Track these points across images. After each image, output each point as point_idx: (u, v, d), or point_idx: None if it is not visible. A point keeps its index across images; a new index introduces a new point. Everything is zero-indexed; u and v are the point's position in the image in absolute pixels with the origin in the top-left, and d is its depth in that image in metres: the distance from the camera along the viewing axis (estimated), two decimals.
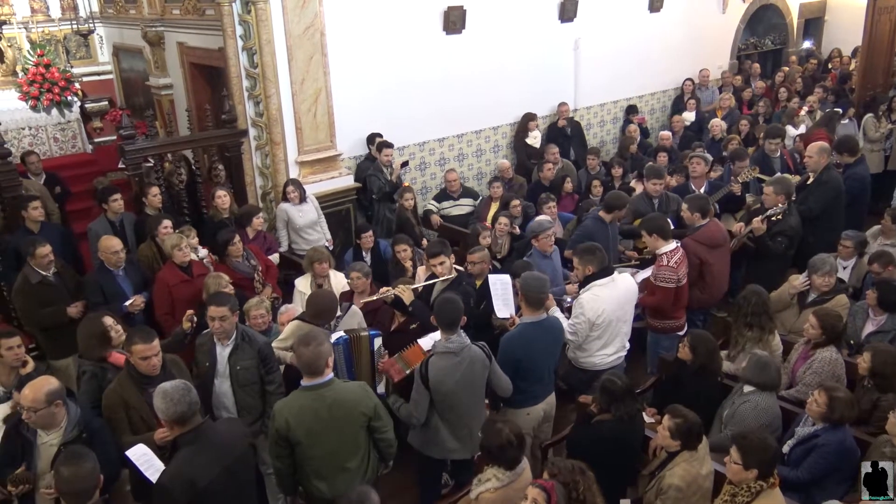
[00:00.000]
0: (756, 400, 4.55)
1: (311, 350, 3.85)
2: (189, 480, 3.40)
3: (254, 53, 7.41)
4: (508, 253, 7.24)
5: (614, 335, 5.24)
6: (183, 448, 3.52)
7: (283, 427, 3.84)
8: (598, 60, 10.70)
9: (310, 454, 3.93)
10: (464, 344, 4.34)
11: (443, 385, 4.27)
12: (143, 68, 11.13)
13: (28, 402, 3.80)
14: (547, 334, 4.80)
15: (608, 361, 5.26)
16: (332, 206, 8.05)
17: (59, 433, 3.90)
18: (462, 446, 4.51)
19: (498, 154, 10.12)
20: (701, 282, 6.06)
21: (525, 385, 4.76)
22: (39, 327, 5.97)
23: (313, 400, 3.88)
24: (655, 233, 5.64)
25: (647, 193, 7.22)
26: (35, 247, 5.77)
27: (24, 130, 10.20)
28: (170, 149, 7.98)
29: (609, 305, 5.11)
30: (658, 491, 4.07)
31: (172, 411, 3.50)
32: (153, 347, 4.21)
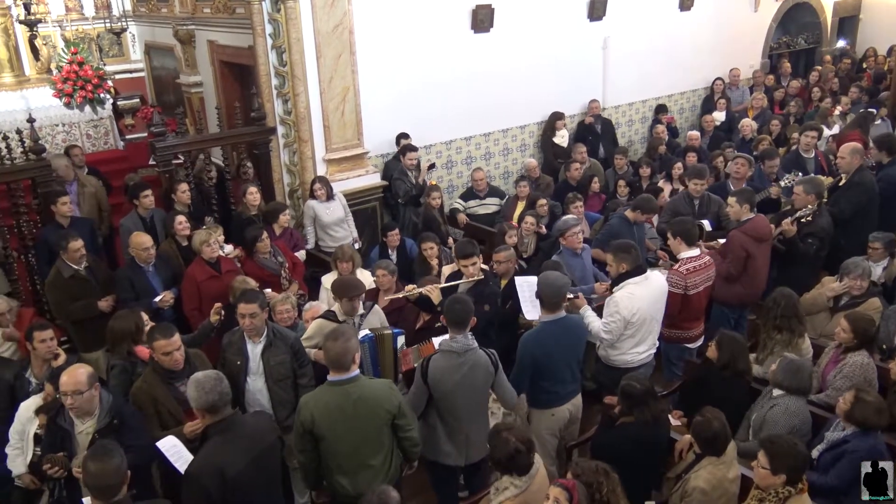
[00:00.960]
0: (786, 404, 4.46)
1: (340, 345, 3.88)
2: (218, 470, 3.45)
3: (283, 52, 7.46)
4: (535, 252, 7.22)
5: (647, 333, 5.20)
6: (212, 438, 3.57)
7: (308, 421, 3.87)
8: (627, 59, 10.62)
9: (333, 449, 3.95)
10: (468, 346, 4.27)
11: (441, 384, 4.23)
12: (173, 66, 11.27)
13: (71, 386, 3.86)
14: (567, 333, 4.75)
15: (640, 359, 5.22)
16: (358, 203, 8.09)
17: (93, 421, 3.97)
18: (457, 452, 4.42)
19: (525, 153, 10.10)
20: (745, 276, 6.01)
21: (547, 385, 4.73)
22: (71, 320, 6.05)
23: (339, 395, 3.90)
24: (680, 236, 5.58)
25: (687, 194, 7.16)
26: (68, 241, 5.86)
27: (57, 127, 10.40)
28: (199, 146, 8.07)
29: (643, 304, 5.08)
30: (683, 494, 4.03)
31: (204, 400, 3.56)
32: (174, 342, 4.28)
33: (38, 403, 4.44)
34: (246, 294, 4.83)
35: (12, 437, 4.46)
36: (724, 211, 6.86)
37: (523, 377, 4.69)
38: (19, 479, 4.42)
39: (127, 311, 5.08)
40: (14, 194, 6.89)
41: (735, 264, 5.95)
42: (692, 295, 5.54)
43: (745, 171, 7.55)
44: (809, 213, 6.23)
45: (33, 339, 4.88)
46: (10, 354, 5.58)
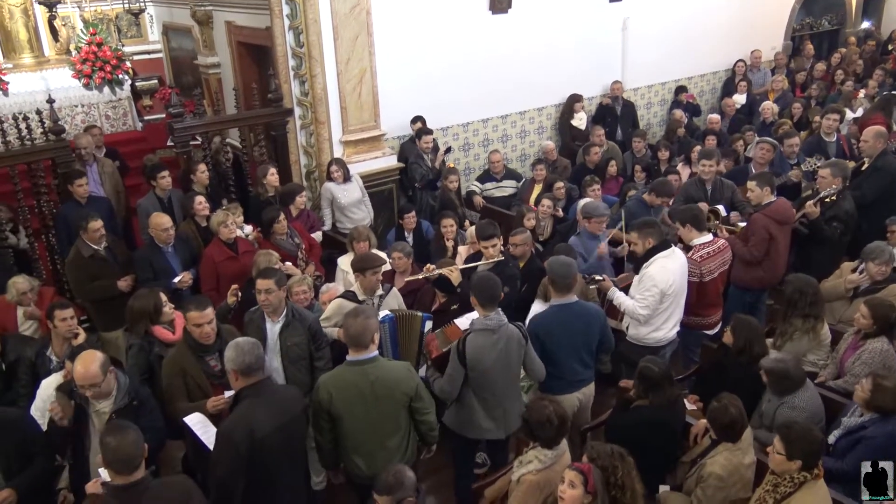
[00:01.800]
0: (793, 402, 4.41)
1: (360, 322, 3.91)
2: (249, 429, 3.54)
3: (300, 33, 7.45)
4: (551, 235, 7.20)
5: (676, 307, 5.23)
6: (244, 400, 3.66)
7: (326, 400, 3.90)
8: (647, 41, 10.50)
9: (350, 429, 3.98)
10: (502, 322, 4.33)
11: (480, 363, 4.26)
12: (191, 47, 11.29)
13: (89, 379, 3.86)
14: (576, 319, 4.72)
15: (669, 336, 5.25)
16: (375, 186, 8.09)
17: (110, 401, 4.01)
18: (496, 426, 4.49)
19: (542, 135, 10.04)
20: (766, 260, 5.97)
21: (554, 371, 4.70)
22: (90, 300, 6.12)
23: (357, 375, 3.93)
24: (689, 223, 5.53)
25: (699, 178, 7.08)
26: (88, 221, 5.91)
27: (77, 108, 10.44)
28: (217, 127, 8.10)
29: (676, 276, 5.11)
30: (698, 479, 4.04)
31: (241, 360, 3.64)
32: (206, 315, 4.33)
33: (58, 381, 4.49)
34: (264, 270, 4.88)
35: (34, 413, 4.51)
36: (738, 196, 6.79)
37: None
38: None
39: (146, 290, 5.12)
40: (34, 174, 6.96)
41: (759, 247, 5.91)
42: (708, 282, 5.51)
43: (769, 156, 7.44)
44: (833, 192, 6.16)
45: (54, 317, 4.94)
46: (32, 333, 5.67)
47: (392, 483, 3.39)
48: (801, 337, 5.10)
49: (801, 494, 3.57)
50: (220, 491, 3.59)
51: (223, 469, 3.57)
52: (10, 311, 5.72)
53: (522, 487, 3.83)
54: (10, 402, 5.09)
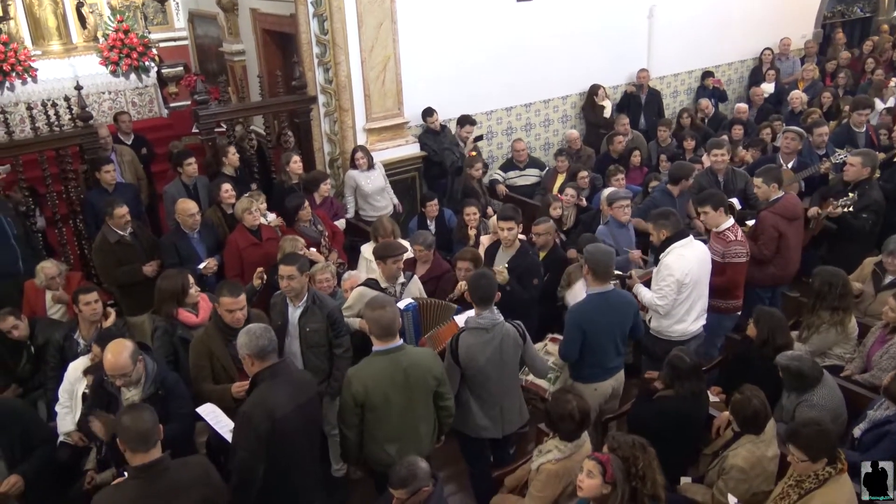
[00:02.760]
0: (811, 400, 4.35)
1: (389, 311, 3.95)
2: (268, 410, 3.56)
3: (324, 20, 7.45)
4: (574, 224, 7.17)
5: (698, 297, 5.17)
6: (262, 383, 3.68)
7: (361, 392, 3.88)
8: (673, 29, 10.36)
9: (385, 419, 3.97)
10: (495, 321, 4.27)
11: (473, 361, 4.23)
12: (217, 34, 11.34)
13: (119, 368, 3.90)
14: (613, 307, 4.70)
15: (692, 330, 5.19)
16: (398, 173, 8.09)
17: (139, 389, 4.05)
18: (493, 425, 4.44)
19: (566, 124, 9.97)
20: (777, 257, 5.88)
21: (592, 359, 4.70)
22: (116, 284, 6.19)
23: (389, 364, 3.94)
24: (722, 207, 5.44)
25: (711, 169, 6.98)
26: (113, 207, 5.98)
27: (104, 94, 10.57)
28: (241, 114, 8.14)
29: (693, 265, 5.05)
30: (720, 471, 4.02)
31: (254, 345, 3.66)
32: (239, 301, 4.38)
33: (85, 364, 4.58)
34: (287, 256, 4.92)
35: (61, 395, 4.60)
36: (751, 188, 6.66)
37: (573, 346, 4.66)
38: (68, 436, 4.56)
39: (175, 270, 5.20)
40: (62, 160, 7.05)
41: (768, 245, 5.80)
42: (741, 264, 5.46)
43: (795, 145, 7.32)
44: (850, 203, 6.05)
45: (78, 301, 5.02)
46: (60, 316, 5.77)
47: (405, 476, 3.44)
48: (828, 330, 5.04)
49: (825, 490, 3.54)
50: (242, 474, 3.61)
51: (244, 451, 3.60)
52: (38, 296, 5.83)
53: (542, 476, 3.84)
54: (39, 384, 5.21)
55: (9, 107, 9.17)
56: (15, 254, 6.23)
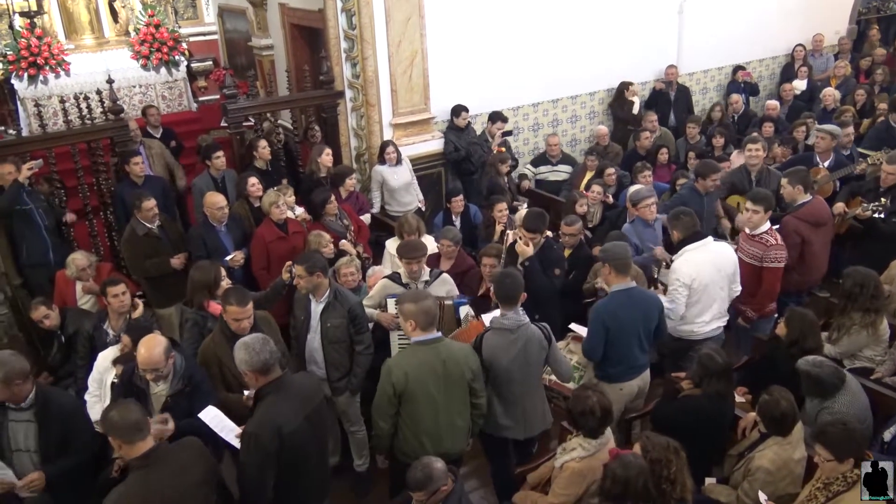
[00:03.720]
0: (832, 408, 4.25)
1: (431, 302, 3.98)
2: (276, 427, 3.51)
3: (352, 15, 7.47)
4: (601, 222, 7.13)
5: (711, 300, 5.08)
6: (266, 398, 3.61)
7: (401, 381, 3.88)
8: (704, 24, 10.23)
9: (423, 410, 3.97)
10: (520, 322, 4.24)
11: (496, 361, 4.20)
12: (245, 29, 11.42)
13: (152, 363, 3.95)
14: (636, 304, 4.66)
15: (706, 331, 5.11)
16: (424, 168, 8.10)
17: (167, 384, 4.10)
18: (515, 425, 4.40)
19: (593, 120, 9.91)
20: (800, 263, 5.77)
21: (617, 357, 4.66)
22: (144, 277, 6.27)
23: (430, 354, 3.96)
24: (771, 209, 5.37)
25: (744, 166, 6.87)
26: (141, 200, 6.06)
27: (134, 88, 10.71)
28: (269, 108, 8.20)
29: (703, 268, 4.98)
30: (746, 472, 3.97)
31: (256, 360, 3.57)
32: (246, 311, 4.30)
33: (114, 354, 4.64)
34: (302, 256, 4.91)
35: (91, 385, 4.68)
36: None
37: (597, 344, 4.62)
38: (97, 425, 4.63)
39: (208, 262, 5.24)
40: (94, 153, 7.16)
41: (790, 251, 5.62)
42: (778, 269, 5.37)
43: (827, 144, 7.18)
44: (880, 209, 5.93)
45: (107, 293, 5.09)
46: (90, 307, 5.86)
47: (421, 478, 3.46)
48: (859, 331, 4.96)
49: (854, 493, 3.49)
50: (253, 492, 3.57)
51: (254, 470, 3.54)
52: (69, 286, 5.93)
53: (565, 474, 3.83)
54: (69, 373, 5.30)
55: (42, 100, 9.32)
56: (46, 244, 6.35)
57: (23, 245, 6.37)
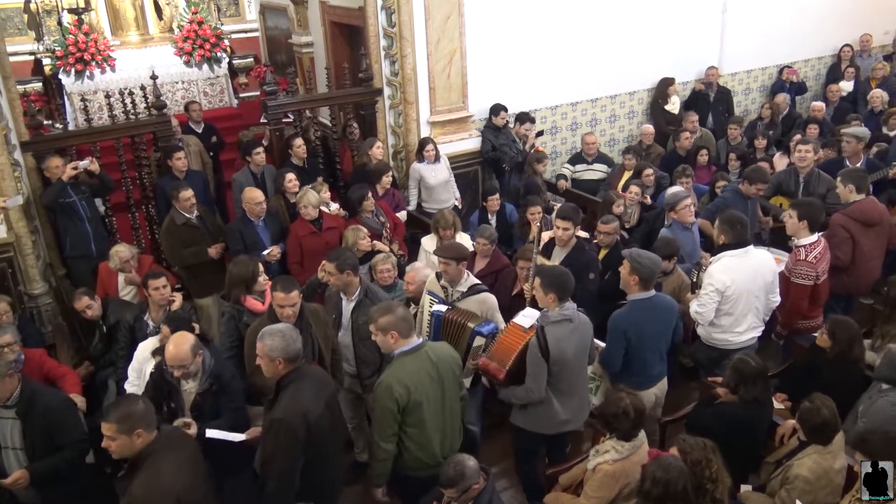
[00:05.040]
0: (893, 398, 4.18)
1: (404, 309, 3.96)
2: (303, 412, 3.57)
3: (392, 13, 7.49)
4: (638, 223, 7.05)
5: (746, 311, 4.96)
6: (290, 386, 3.65)
7: (404, 395, 3.78)
8: (748, 23, 10.06)
9: (427, 417, 3.90)
10: (575, 310, 4.26)
11: (563, 353, 4.15)
12: (286, 26, 11.53)
13: (179, 360, 4.01)
14: (657, 313, 4.61)
15: (740, 341, 5.00)
16: (461, 167, 8.10)
17: (196, 382, 4.15)
18: (574, 417, 4.38)
19: (633, 120, 9.80)
20: (852, 265, 5.64)
21: (636, 367, 4.61)
22: (182, 265, 6.37)
23: (421, 360, 3.89)
24: (807, 219, 5.20)
25: (794, 169, 6.74)
26: (179, 190, 6.18)
27: (177, 84, 10.90)
28: (308, 105, 8.27)
29: (740, 276, 4.86)
30: (784, 480, 3.89)
31: (292, 349, 3.64)
32: (290, 298, 4.36)
33: (154, 345, 4.73)
34: (332, 252, 4.94)
35: (130, 374, 4.77)
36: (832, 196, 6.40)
37: (617, 354, 4.57)
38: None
39: (246, 257, 5.32)
40: (137, 148, 7.29)
41: (842, 248, 5.52)
42: (822, 283, 5.26)
43: (852, 148, 6.94)
44: None
45: (148, 286, 5.19)
46: (131, 298, 5.99)
47: (453, 475, 3.46)
48: None
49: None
50: (282, 480, 3.58)
51: (284, 459, 3.56)
52: (112, 277, 6.06)
53: (598, 476, 3.80)
54: (110, 362, 5.41)
55: (88, 95, 9.54)
56: (88, 237, 6.49)
57: (66, 238, 6.53)
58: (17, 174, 6.33)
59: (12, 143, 6.32)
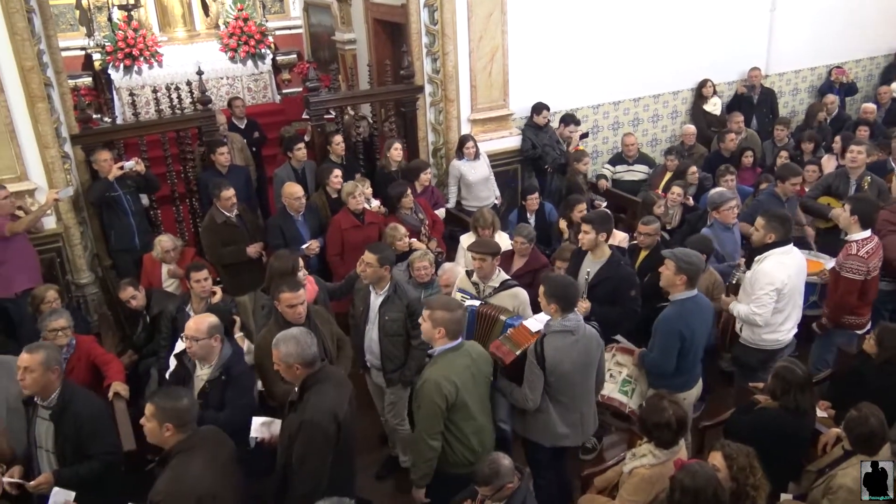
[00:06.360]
0: None
1: (462, 313, 3.97)
2: (332, 412, 3.58)
3: (435, 10, 7.50)
4: (679, 224, 6.94)
5: (794, 307, 4.96)
6: (313, 387, 3.63)
7: (453, 392, 3.80)
8: (798, 22, 9.84)
9: (471, 413, 3.92)
10: (580, 321, 4.17)
11: (560, 365, 4.06)
12: (330, 23, 11.64)
13: (191, 331, 4.11)
14: (704, 312, 4.56)
15: (788, 338, 4.98)
16: (500, 165, 8.07)
17: (209, 370, 4.19)
18: (573, 432, 4.28)
19: (675, 120, 9.66)
20: None
21: (685, 366, 4.54)
22: (221, 264, 6.43)
23: (463, 357, 3.93)
24: (858, 215, 5.12)
25: (845, 171, 6.58)
26: (220, 189, 6.24)
27: (222, 80, 11.07)
28: (350, 102, 8.32)
29: (792, 272, 4.85)
30: (826, 490, 3.80)
31: (307, 353, 3.62)
32: (299, 296, 4.36)
33: None
34: (374, 244, 4.97)
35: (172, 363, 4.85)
36: (887, 198, 6.25)
37: (671, 355, 4.47)
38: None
39: (287, 251, 5.37)
40: (182, 142, 7.42)
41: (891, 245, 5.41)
42: (871, 279, 5.15)
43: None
44: None
45: (190, 278, 5.28)
46: (174, 289, 6.10)
47: (488, 473, 3.45)
48: None
49: None
50: (314, 480, 3.56)
51: (317, 459, 3.56)
52: (156, 269, 6.18)
53: (634, 480, 3.75)
54: (152, 352, 5.52)
55: (136, 90, 9.72)
56: (132, 230, 6.62)
57: (111, 231, 6.67)
58: (67, 166, 6.49)
59: (63, 137, 6.48)
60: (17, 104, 5.98)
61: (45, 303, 5.31)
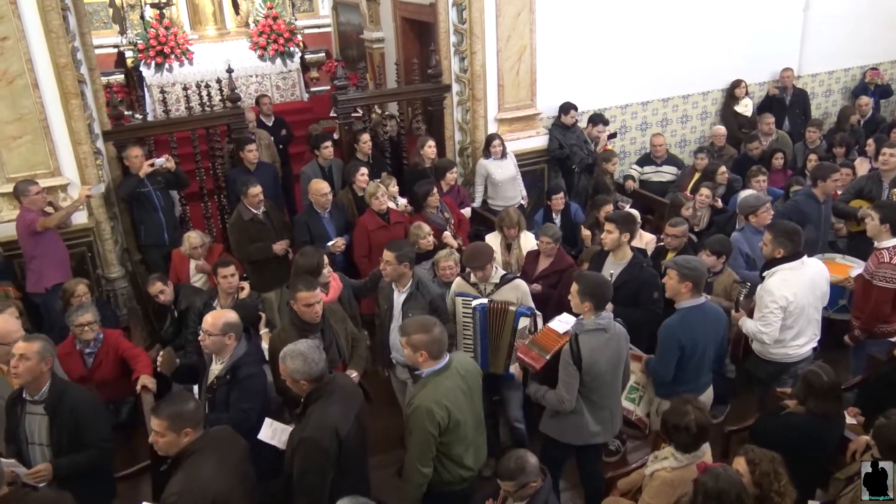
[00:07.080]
0: None
1: (438, 332, 3.78)
2: (333, 429, 3.52)
3: (463, 9, 7.50)
4: (707, 226, 6.87)
5: (806, 323, 4.81)
6: (318, 401, 3.59)
7: (445, 417, 3.70)
8: (831, 21, 9.65)
9: (464, 433, 3.85)
10: (611, 319, 4.15)
11: (596, 364, 4.04)
12: (358, 22, 11.68)
13: (207, 325, 4.11)
14: (710, 321, 4.48)
15: (801, 353, 4.85)
16: (527, 164, 8.05)
17: (220, 365, 4.17)
18: (603, 429, 4.28)
19: (705, 121, 9.56)
20: None
21: (686, 376, 4.48)
22: (247, 260, 6.46)
23: (453, 378, 3.82)
24: (889, 223, 5.01)
25: (878, 174, 6.45)
26: (248, 186, 6.28)
27: (251, 78, 11.17)
28: (378, 100, 8.34)
29: (800, 289, 4.70)
30: (854, 498, 3.73)
31: (314, 371, 3.58)
32: (315, 295, 4.36)
33: None
34: (393, 243, 4.96)
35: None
36: None
37: (669, 363, 4.45)
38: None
39: (313, 248, 5.40)
40: (212, 139, 7.50)
41: None
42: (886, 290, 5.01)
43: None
44: None
45: (217, 273, 5.33)
46: (202, 285, 6.17)
47: (514, 469, 3.42)
48: None
49: None
50: (312, 496, 3.54)
51: (315, 476, 3.52)
52: (184, 264, 6.26)
53: (655, 483, 3.72)
54: (180, 346, 5.58)
55: (167, 87, 9.87)
56: (161, 226, 6.69)
57: (140, 227, 6.76)
58: (99, 162, 6.59)
59: (95, 133, 6.58)
60: (51, 101, 6.07)
61: (76, 297, 5.40)
